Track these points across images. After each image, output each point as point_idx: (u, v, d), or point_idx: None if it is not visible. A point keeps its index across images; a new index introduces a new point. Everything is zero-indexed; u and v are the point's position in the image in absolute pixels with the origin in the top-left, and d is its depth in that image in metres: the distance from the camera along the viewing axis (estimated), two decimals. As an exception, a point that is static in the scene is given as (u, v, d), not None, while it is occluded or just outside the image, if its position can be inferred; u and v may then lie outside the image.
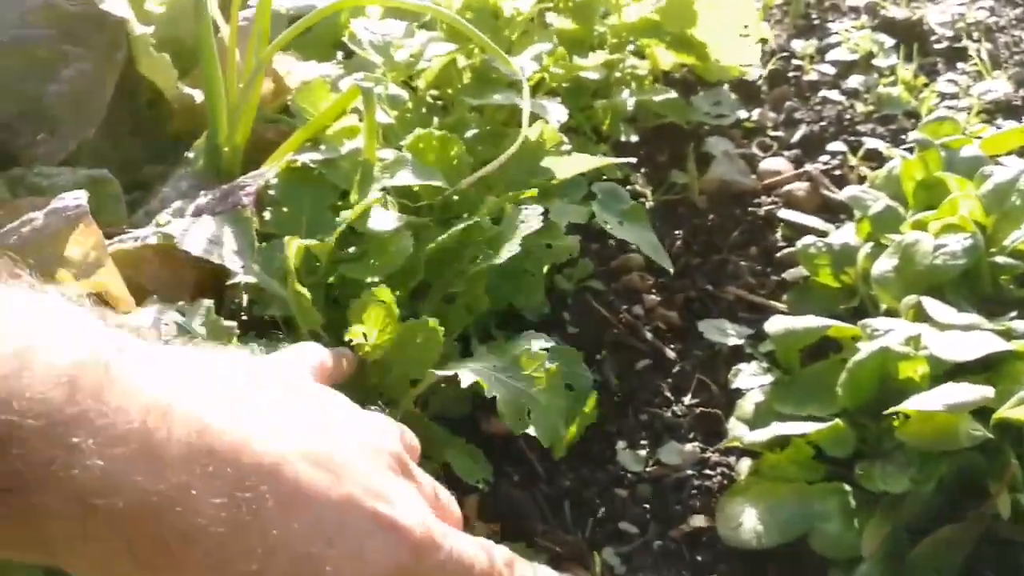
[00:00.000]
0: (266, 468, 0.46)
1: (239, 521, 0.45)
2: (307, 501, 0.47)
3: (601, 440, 0.81)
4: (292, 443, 0.48)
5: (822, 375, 0.80)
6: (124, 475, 0.41)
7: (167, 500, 0.43)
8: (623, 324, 0.90)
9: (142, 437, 0.42)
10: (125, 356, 0.45)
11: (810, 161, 1.10)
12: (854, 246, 0.89)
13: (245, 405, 0.49)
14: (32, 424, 0.39)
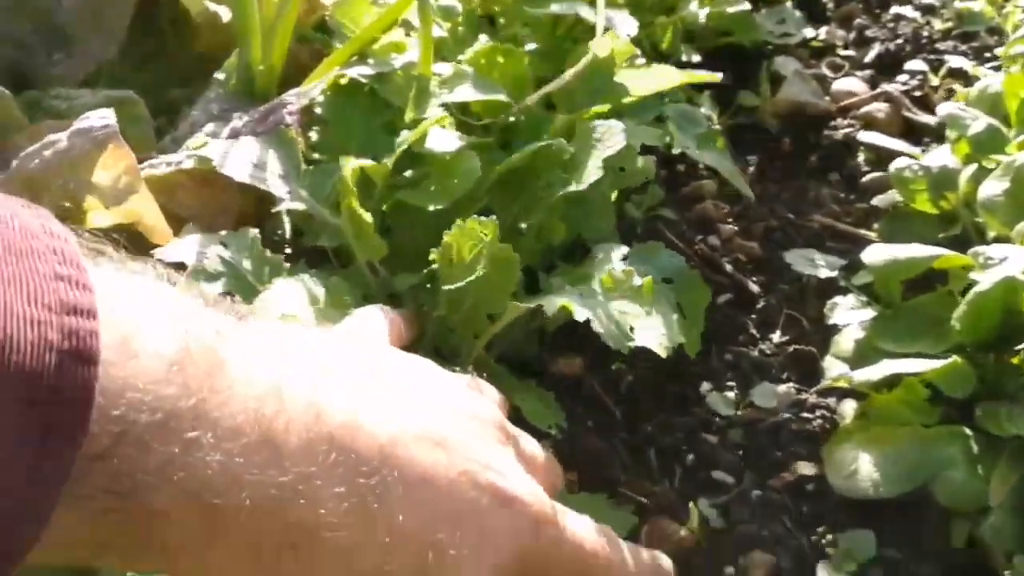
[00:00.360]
0: (384, 452, 0.43)
1: (366, 511, 0.42)
2: (428, 483, 0.45)
3: (683, 382, 0.74)
4: (401, 422, 0.45)
5: (930, 308, 0.72)
6: (245, 469, 0.38)
7: (291, 493, 0.39)
8: (699, 256, 0.82)
9: (260, 427, 0.39)
10: (227, 340, 0.40)
11: (887, 81, 1.02)
12: (954, 169, 0.81)
13: (349, 385, 0.45)
14: (147, 419, 0.35)
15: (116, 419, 0.34)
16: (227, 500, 0.38)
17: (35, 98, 0.81)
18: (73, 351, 0.33)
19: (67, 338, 0.33)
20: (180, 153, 0.70)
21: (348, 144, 0.71)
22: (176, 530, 0.38)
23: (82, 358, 0.33)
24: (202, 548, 0.39)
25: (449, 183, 0.68)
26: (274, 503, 0.39)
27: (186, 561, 0.39)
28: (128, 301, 0.37)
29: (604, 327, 0.59)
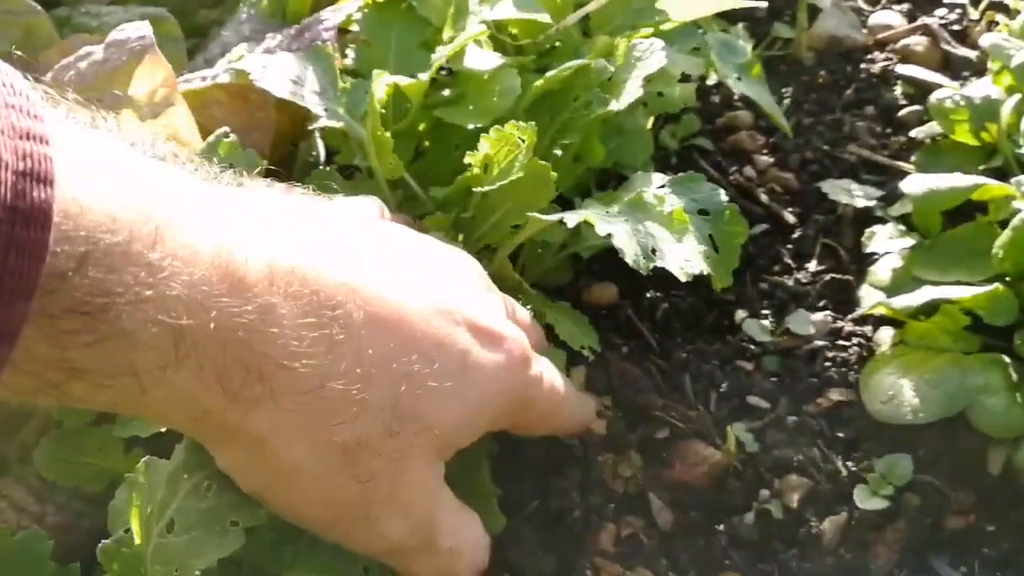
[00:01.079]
0: (350, 287, 0.45)
1: (332, 341, 0.43)
2: (398, 318, 0.46)
3: (718, 309, 0.74)
4: (372, 266, 0.47)
5: (970, 238, 0.71)
6: (208, 296, 0.39)
7: (257, 322, 0.41)
8: (735, 186, 0.81)
9: (220, 256, 0.40)
10: (183, 181, 0.43)
11: (925, 15, 1.00)
12: (997, 99, 0.80)
13: (316, 231, 0.47)
14: (109, 240, 0.36)
15: (78, 239, 0.35)
16: (193, 322, 0.39)
17: (65, 15, 0.80)
18: (28, 172, 0.33)
19: (21, 159, 0.33)
20: (217, 67, 0.69)
21: (385, 62, 0.70)
22: (144, 352, 0.38)
23: (38, 179, 0.33)
24: (171, 371, 0.39)
25: (487, 101, 0.67)
26: (239, 330, 0.40)
27: (155, 387, 0.40)
28: (82, 136, 0.38)
29: (625, 244, 0.57)
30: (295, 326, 0.42)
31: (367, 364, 0.44)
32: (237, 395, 0.42)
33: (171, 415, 0.44)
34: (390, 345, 0.45)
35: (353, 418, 0.45)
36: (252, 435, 0.44)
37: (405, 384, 0.46)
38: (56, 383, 0.38)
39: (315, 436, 0.45)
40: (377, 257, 0.49)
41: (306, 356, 0.42)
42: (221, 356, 0.41)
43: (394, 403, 0.46)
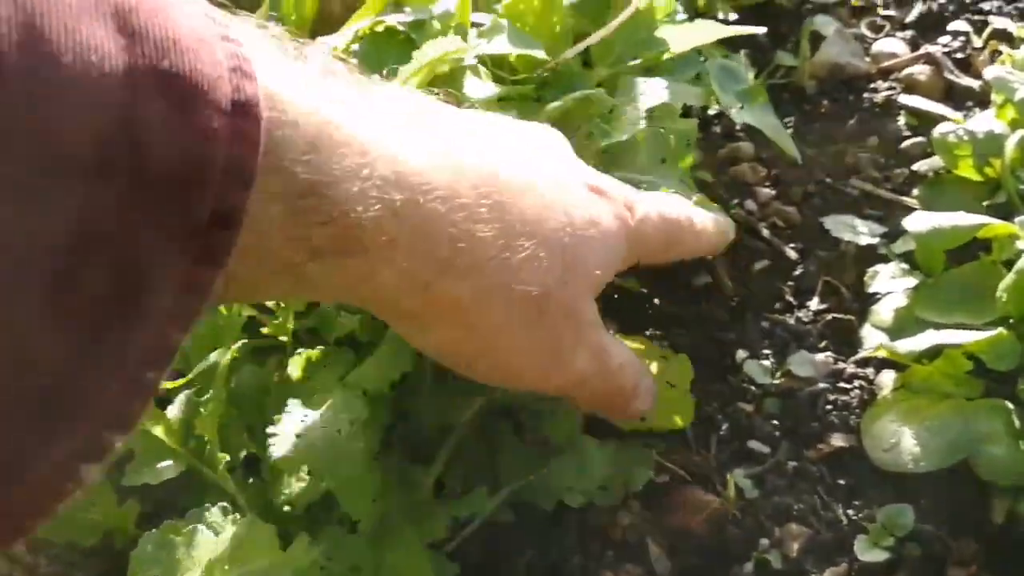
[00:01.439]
0: (499, 162, 0.52)
1: (503, 210, 0.50)
2: (543, 184, 0.54)
3: (719, 349, 0.73)
4: (505, 145, 0.55)
5: (974, 278, 0.70)
6: (407, 176, 0.46)
7: (451, 197, 0.48)
8: (736, 220, 0.80)
9: (405, 144, 0.47)
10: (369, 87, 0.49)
11: (928, 43, 0.99)
12: (1001, 134, 0.79)
13: (463, 127, 0.54)
14: (316, 127, 0.41)
15: (289, 124, 0.39)
16: (404, 196, 0.45)
17: None
18: (236, 68, 0.35)
19: (230, 58, 0.35)
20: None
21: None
22: (371, 231, 0.44)
23: (245, 75, 0.35)
24: (394, 250, 0.45)
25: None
26: (440, 206, 0.47)
27: (382, 266, 0.46)
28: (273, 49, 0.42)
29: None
30: (475, 196, 0.49)
31: (533, 226, 0.51)
32: (447, 269, 0.48)
33: (394, 297, 0.49)
34: (545, 208, 0.53)
35: (537, 276, 0.52)
36: (462, 306, 0.50)
37: (567, 237, 0.53)
38: (296, 264, 0.42)
39: (512, 297, 0.51)
40: (502, 138, 0.56)
41: (490, 223, 0.49)
42: (432, 231, 0.47)
43: (562, 254, 0.53)
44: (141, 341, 0.33)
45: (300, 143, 0.39)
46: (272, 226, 0.40)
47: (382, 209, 0.44)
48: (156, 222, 0.32)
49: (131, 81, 0.31)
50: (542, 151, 0.58)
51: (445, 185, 0.47)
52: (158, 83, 0.31)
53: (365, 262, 0.45)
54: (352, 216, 0.42)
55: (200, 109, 0.32)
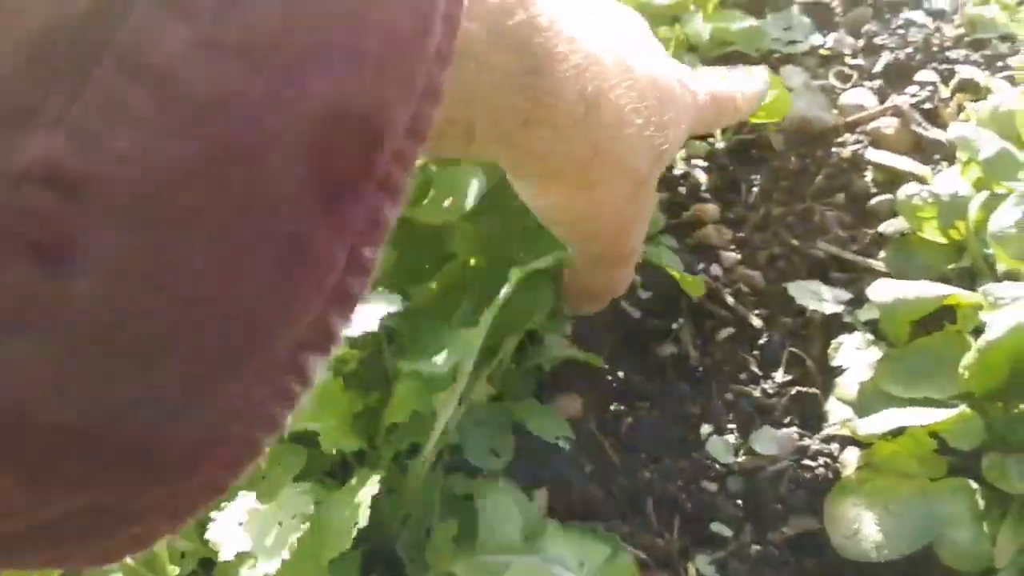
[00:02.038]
0: (642, 66, 0.57)
1: (626, 92, 0.54)
2: (647, 69, 0.57)
3: (684, 423, 0.72)
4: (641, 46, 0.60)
5: (938, 350, 0.70)
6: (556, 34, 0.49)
7: (589, 65, 0.51)
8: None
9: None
10: None
11: (896, 93, 0.98)
12: (964, 196, 0.78)
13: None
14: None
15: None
16: (595, 88, 0.51)
17: None
18: None
19: None
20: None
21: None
22: (563, 111, 0.50)
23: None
24: (573, 129, 0.52)
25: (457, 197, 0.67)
26: (612, 99, 0.53)
27: (563, 139, 0.52)
28: None
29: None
30: (625, 78, 0.54)
31: (653, 112, 0.56)
32: (585, 128, 0.52)
33: (558, 165, 0.54)
34: (660, 94, 0.58)
35: (648, 155, 0.57)
36: (584, 170, 0.55)
37: (665, 125, 0.58)
38: (506, 130, 0.49)
39: (625, 171, 0.57)
40: (622, 22, 0.60)
41: (627, 100, 0.54)
42: (605, 113, 0.52)
43: (663, 142, 0.58)
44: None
45: (525, 31, 0.45)
46: (501, 96, 0.46)
47: (578, 90, 0.50)
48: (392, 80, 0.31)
49: None
50: (644, 37, 0.62)
51: (611, 71, 0.53)
52: None
53: (554, 134, 0.51)
54: (556, 93, 0.48)
55: None
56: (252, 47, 0.26)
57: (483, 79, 0.44)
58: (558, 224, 0.63)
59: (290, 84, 0.27)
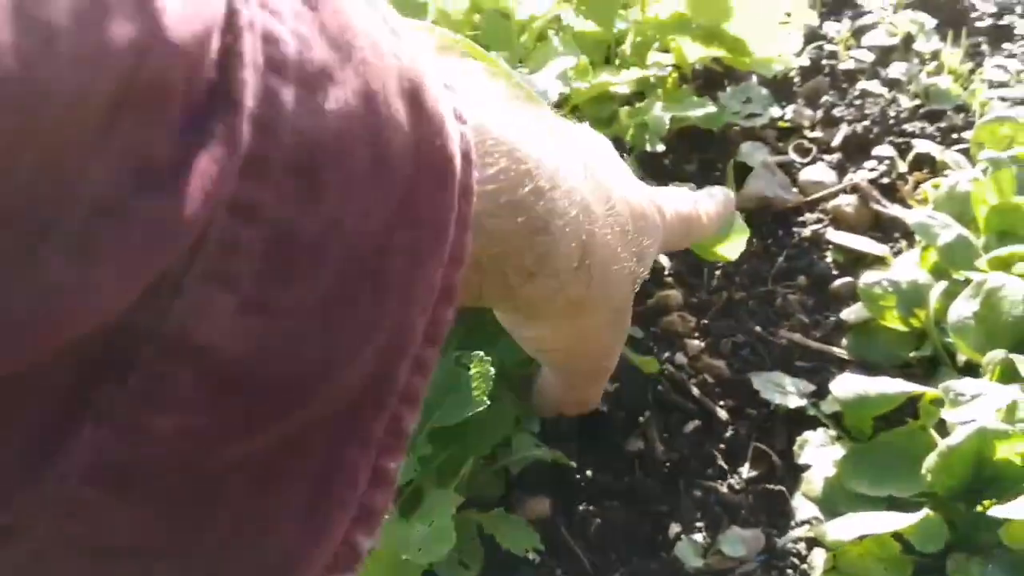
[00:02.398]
0: (619, 193, 0.57)
1: (619, 222, 0.56)
2: (628, 197, 0.58)
3: (652, 521, 0.72)
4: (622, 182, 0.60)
5: (901, 446, 0.71)
6: (551, 188, 0.48)
7: (579, 206, 0.51)
8: (666, 377, 0.80)
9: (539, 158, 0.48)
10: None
11: (854, 166, 1.00)
12: (924, 284, 0.80)
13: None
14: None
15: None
16: (590, 230, 0.52)
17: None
18: (466, 155, 0.35)
19: (462, 142, 0.35)
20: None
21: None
22: (564, 257, 0.50)
23: (469, 160, 0.35)
24: (573, 274, 0.52)
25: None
26: (603, 235, 0.53)
27: (572, 283, 0.52)
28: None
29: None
30: (607, 213, 0.54)
31: (632, 241, 0.57)
32: (593, 282, 0.54)
33: (545, 306, 0.54)
34: (636, 217, 0.58)
35: (628, 284, 0.59)
36: (580, 308, 0.55)
37: (647, 242, 0.60)
38: (510, 283, 0.49)
39: (611, 302, 0.58)
40: (595, 149, 0.61)
41: (613, 238, 0.55)
42: (596, 253, 0.53)
43: (639, 259, 0.59)
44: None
45: (531, 198, 0.45)
46: (508, 259, 0.47)
47: (576, 242, 0.50)
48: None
49: (417, 159, 0.31)
50: (611, 158, 0.63)
51: (600, 212, 0.53)
52: (431, 164, 0.32)
53: (554, 283, 0.51)
54: (558, 248, 0.49)
55: (451, 188, 0.34)
56: (297, 311, 0.27)
57: (491, 247, 0.44)
58: (542, 351, 0.64)
59: (335, 355, 0.29)
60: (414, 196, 0.31)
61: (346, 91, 0.27)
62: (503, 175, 0.43)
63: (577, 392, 0.71)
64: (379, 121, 0.29)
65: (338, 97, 0.27)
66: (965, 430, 0.64)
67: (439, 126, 0.33)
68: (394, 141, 0.30)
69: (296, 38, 0.26)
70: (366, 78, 0.28)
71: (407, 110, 0.31)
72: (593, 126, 0.89)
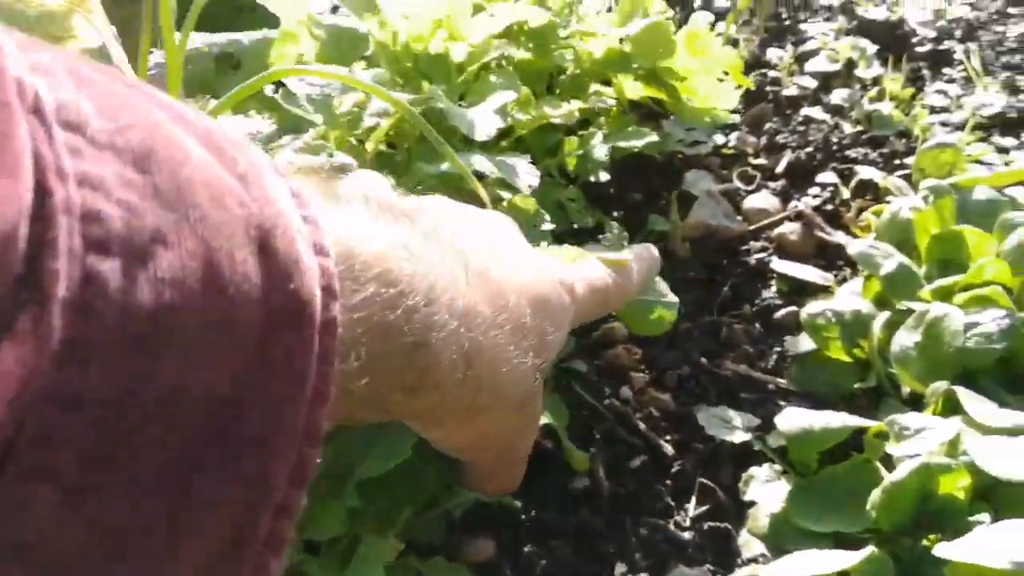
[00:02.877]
0: (509, 278, 0.56)
1: (514, 322, 0.55)
2: (528, 287, 0.58)
3: (599, 561, 0.71)
4: (502, 249, 0.60)
5: (846, 481, 0.70)
6: (466, 315, 0.51)
7: (474, 316, 0.51)
8: (612, 411, 0.79)
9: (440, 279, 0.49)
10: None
11: (798, 193, 1.00)
12: (867, 314, 0.79)
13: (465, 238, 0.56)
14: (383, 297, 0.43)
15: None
16: (472, 337, 0.51)
17: None
18: (326, 288, 0.35)
19: (322, 276, 0.35)
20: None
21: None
22: (446, 368, 0.49)
23: (331, 294, 0.35)
24: (458, 386, 0.51)
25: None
26: (487, 342, 0.52)
27: (446, 396, 0.51)
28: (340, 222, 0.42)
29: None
30: (497, 314, 0.53)
31: (532, 331, 0.57)
32: (484, 387, 0.53)
33: (439, 415, 0.54)
34: (536, 311, 0.58)
35: (529, 379, 0.57)
36: (475, 411, 0.55)
37: (551, 336, 0.59)
38: (385, 398, 0.47)
39: (511, 403, 0.57)
40: (492, 242, 0.60)
41: (509, 338, 0.54)
42: (482, 359, 0.52)
43: (547, 354, 0.59)
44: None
45: (404, 318, 0.44)
46: (385, 377, 0.45)
47: (458, 352, 0.49)
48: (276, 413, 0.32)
49: (268, 307, 0.31)
50: (511, 245, 0.62)
51: (485, 315, 0.52)
52: (286, 308, 0.32)
53: (439, 394, 0.50)
54: (439, 361, 0.48)
55: (310, 327, 0.33)
56: (132, 490, 0.27)
57: (365, 372, 0.42)
58: (448, 449, 0.63)
59: (181, 525, 0.28)
60: (268, 344, 0.30)
61: (181, 253, 0.27)
62: (374, 299, 0.42)
63: (495, 482, 0.69)
64: (221, 278, 0.28)
65: (172, 262, 0.27)
66: (908, 465, 0.64)
67: (292, 268, 0.32)
68: (240, 294, 0.29)
69: (123, 208, 0.26)
70: (205, 236, 0.28)
71: (255, 259, 0.30)
72: (538, 155, 0.89)
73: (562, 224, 0.92)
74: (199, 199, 0.28)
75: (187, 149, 0.29)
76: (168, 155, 0.28)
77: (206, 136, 0.31)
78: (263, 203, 0.32)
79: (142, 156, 0.27)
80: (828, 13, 1.28)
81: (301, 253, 0.33)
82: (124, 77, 0.30)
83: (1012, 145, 1.03)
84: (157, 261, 0.26)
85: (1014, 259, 0.78)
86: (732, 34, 1.10)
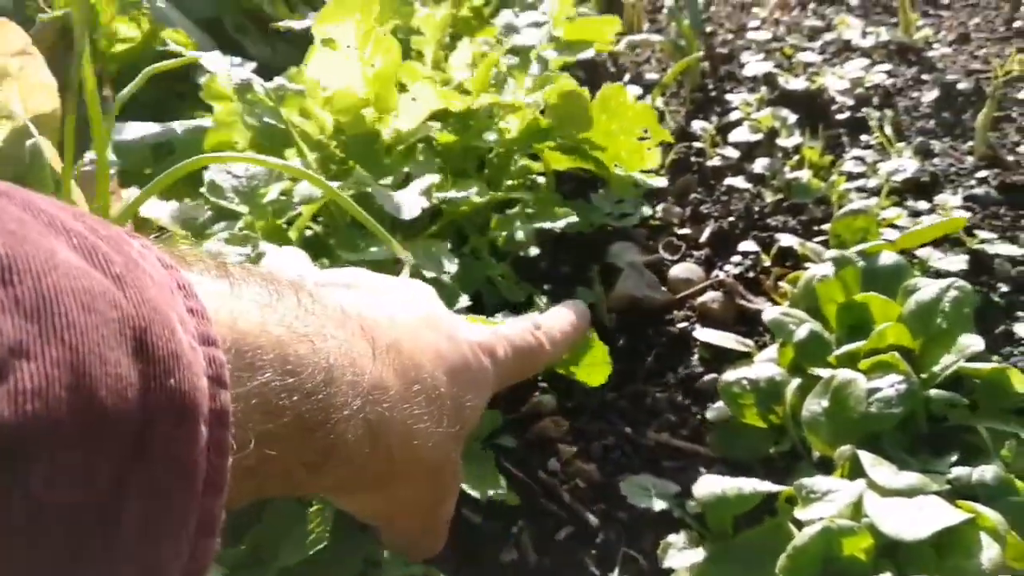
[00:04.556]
0: (422, 350, 0.59)
1: (426, 395, 0.57)
2: (445, 357, 0.60)
3: (527, 637, 0.73)
4: (412, 321, 0.61)
5: (759, 545, 0.72)
6: (369, 389, 0.52)
7: (382, 394, 0.53)
8: (540, 483, 0.82)
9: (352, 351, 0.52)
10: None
11: (721, 261, 1.04)
12: (780, 381, 0.83)
13: (376, 313, 0.58)
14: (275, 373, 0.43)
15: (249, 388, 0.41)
16: (379, 413, 0.52)
17: None
18: (215, 377, 0.36)
19: (210, 366, 0.36)
20: None
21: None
22: (353, 445, 0.50)
23: (220, 383, 0.36)
24: (367, 459, 0.52)
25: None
26: (396, 416, 0.54)
27: (356, 469, 0.52)
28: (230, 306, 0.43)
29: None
30: (408, 388, 0.55)
31: (447, 401, 0.59)
32: (394, 459, 0.55)
33: (350, 487, 0.56)
34: (451, 380, 0.60)
35: (445, 446, 0.59)
36: (388, 479, 0.56)
37: (468, 405, 0.61)
38: (291, 474, 0.48)
39: (425, 470, 0.59)
40: (401, 314, 0.61)
41: (418, 408, 0.56)
42: (391, 433, 0.54)
43: (458, 423, 0.60)
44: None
45: (302, 402, 0.45)
46: (289, 456, 0.46)
47: (363, 428, 0.50)
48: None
49: (146, 404, 0.31)
50: (427, 311, 0.64)
51: (395, 389, 0.54)
52: (167, 403, 0.32)
53: (347, 468, 0.51)
54: (343, 438, 0.49)
55: (194, 420, 0.34)
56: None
57: (267, 449, 0.42)
58: (368, 518, 0.64)
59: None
60: (149, 440, 0.31)
61: (45, 363, 0.28)
62: (270, 384, 0.42)
63: (417, 547, 0.70)
64: (91, 382, 0.29)
65: (34, 373, 0.27)
66: (811, 529, 0.67)
67: (172, 363, 0.33)
68: (113, 395, 0.30)
69: None
70: (72, 343, 0.29)
71: (130, 359, 0.31)
72: (469, 231, 0.91)
73: (494, 299, 0.95)
74: (66, 305, 0.29)
75: (54, 256, 0.30)
76: (29, 265, 0.28)
77: (80, 239, 0.32)
78: (138, 303, 0.32)
79: (1, 268, 0.28)
80: (752, 83, 1.33)
81: (183, 346, 0.34)
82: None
83: (925, 208, 1.08)
84: (19, 374, 0.27)
85: (912, 322, 0.82)
86: (659, 106, 1.14)
